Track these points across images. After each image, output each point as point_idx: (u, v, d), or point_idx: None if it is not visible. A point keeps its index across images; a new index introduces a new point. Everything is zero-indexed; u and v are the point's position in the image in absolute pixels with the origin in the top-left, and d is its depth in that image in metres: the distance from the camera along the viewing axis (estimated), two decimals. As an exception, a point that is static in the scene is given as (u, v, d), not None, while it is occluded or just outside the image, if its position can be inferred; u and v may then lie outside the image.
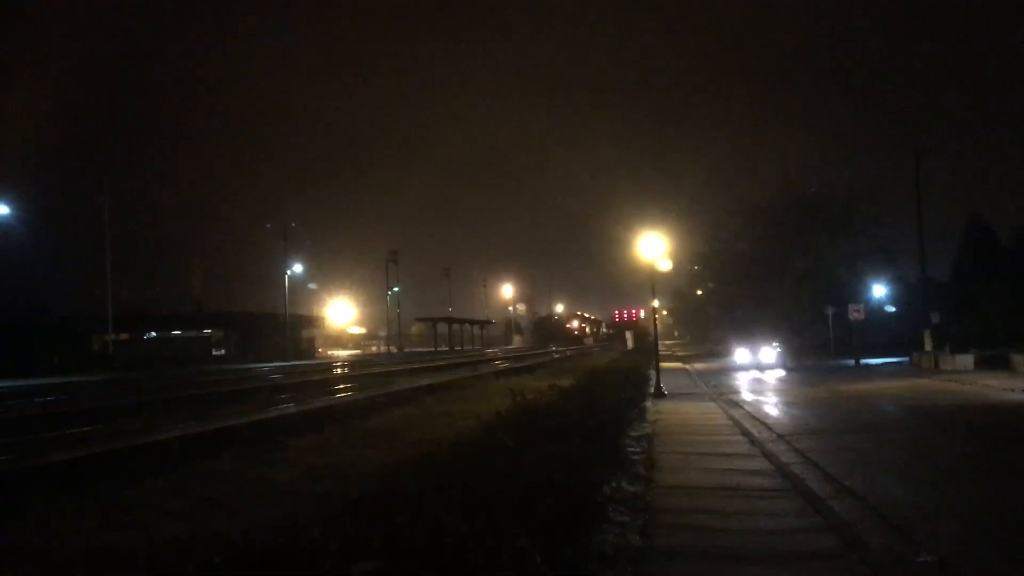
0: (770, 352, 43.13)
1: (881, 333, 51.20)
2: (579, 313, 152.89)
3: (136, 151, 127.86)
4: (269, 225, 76.53)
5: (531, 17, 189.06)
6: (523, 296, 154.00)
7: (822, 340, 50.93)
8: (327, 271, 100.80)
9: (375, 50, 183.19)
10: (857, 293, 50.08)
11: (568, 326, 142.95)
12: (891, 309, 54.93)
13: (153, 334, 72.28)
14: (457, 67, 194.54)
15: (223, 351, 71.24)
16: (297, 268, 77.67)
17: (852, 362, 39.58)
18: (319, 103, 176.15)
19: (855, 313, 41.48)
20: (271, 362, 56.24)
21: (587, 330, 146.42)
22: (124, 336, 64.59)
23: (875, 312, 50.72)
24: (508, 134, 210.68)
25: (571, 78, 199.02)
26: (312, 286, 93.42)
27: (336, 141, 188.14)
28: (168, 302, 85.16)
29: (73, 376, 40.82)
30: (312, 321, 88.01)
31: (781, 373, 34.13)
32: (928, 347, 38.07)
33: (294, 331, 76.10)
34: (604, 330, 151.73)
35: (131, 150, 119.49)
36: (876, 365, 38.40)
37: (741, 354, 45.39)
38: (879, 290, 52.65)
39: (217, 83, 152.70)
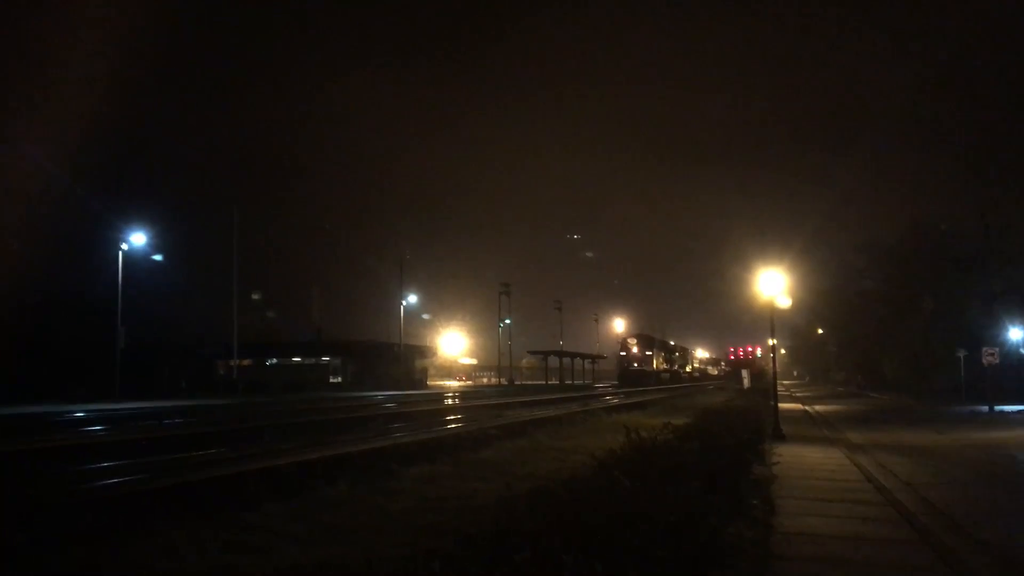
0: None
1: (1017, 379, 48.27)
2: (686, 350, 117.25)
3: (262, 186, 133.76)
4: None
5: (649, 64, 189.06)
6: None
7: (952, 385, 48.46)
8: (440, 302, 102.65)
9: (496, 97, 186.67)
10: (992, 336, 47.43)
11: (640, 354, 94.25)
12: (1029, 353, 51.83)
13: (274, 360, 74.77)
14: (573, 112, 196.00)
15: (339, 379, 73.07)
16: (412, 299, 79.19)
17: (985, 408, 37.47)
18: (438, 143, 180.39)
19: (989, 356, 39.30)
20: (385, 391, 57.27)
21: (665, 365, 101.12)
22: (247, 362, 67.05)
23: (1011, 356, 47.88)
24: (625, 175, 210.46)
25: (690, 117, 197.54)
26: (425, 316, 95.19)
27: (454, 178, 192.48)
28: (289, 330, 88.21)
29: (198, 400, 42.52)
30: (425, 351, 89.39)
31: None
32: (1071, 395, 35.72)
33: (408, 361, 77.39)
34: (698, 366, 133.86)
35: (257, 185, 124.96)
36: (1012, 412, 36.20)
37: None
38: (1016, 333, 49.74)
39: (340, 122, 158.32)
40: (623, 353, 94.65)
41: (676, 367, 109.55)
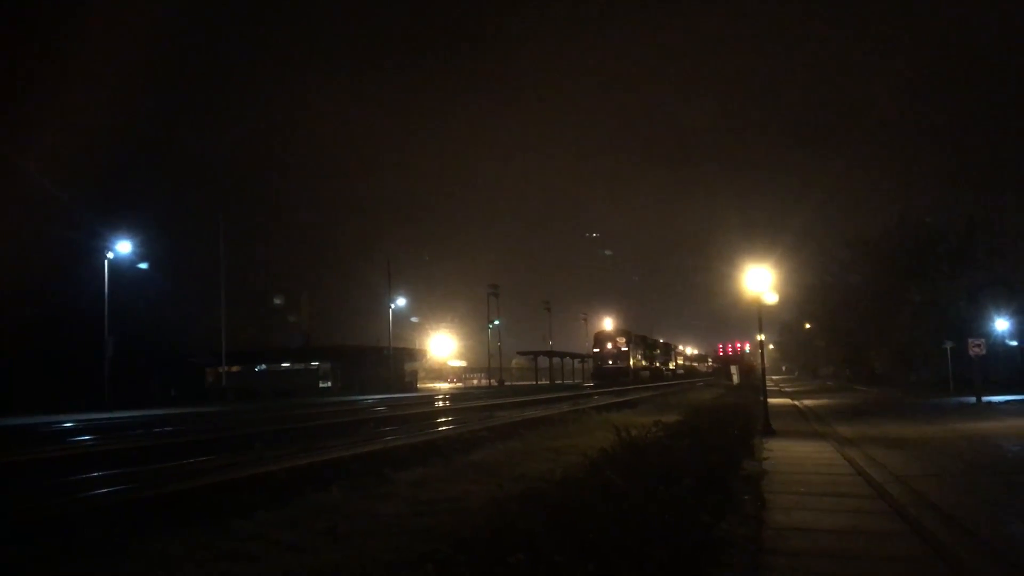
0: None
1: (1004, 369, 48.61)
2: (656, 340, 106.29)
3: (248, 190, 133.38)
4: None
5: (635, 63, 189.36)
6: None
7: (940, 376, 48.78)
8: (429, 304, 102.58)
9: (482, 99, 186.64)
10: (978, 327, 47.77)
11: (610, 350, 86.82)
12: (1014, 344, 52.23)
13: (263, 367, 74.50)
14: (560, 113, 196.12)
15: (329, 383, 72.86)
16: (400, 302, 79.08)
17: (973, 399, 37.70)
18: (424, 146, 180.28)
19: (975, 348, 39.51)
20: (375, 394, 57.16)
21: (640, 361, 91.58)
22: (236, 369, 66.82)
23: (997, 347, 48.26)
24: (612, 175, 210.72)
25: (677, 116, 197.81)
26: (414, 319, 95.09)
27: (441, 181, 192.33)
28: (278, 335, 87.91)
29: (188, 407, 42.34)
30: (414, 354, 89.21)
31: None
32: (1057, 384, 35.98)
33: (397, 364, 77.26)
34: (685, 363, 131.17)
35: (244, 189, 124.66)
36: (999, 403, 36.44)
37: None
38: (1002, 324, 50.10)
39: (326, 125, 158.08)
40: (597, 350, 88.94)
41: (657, 364, 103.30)
